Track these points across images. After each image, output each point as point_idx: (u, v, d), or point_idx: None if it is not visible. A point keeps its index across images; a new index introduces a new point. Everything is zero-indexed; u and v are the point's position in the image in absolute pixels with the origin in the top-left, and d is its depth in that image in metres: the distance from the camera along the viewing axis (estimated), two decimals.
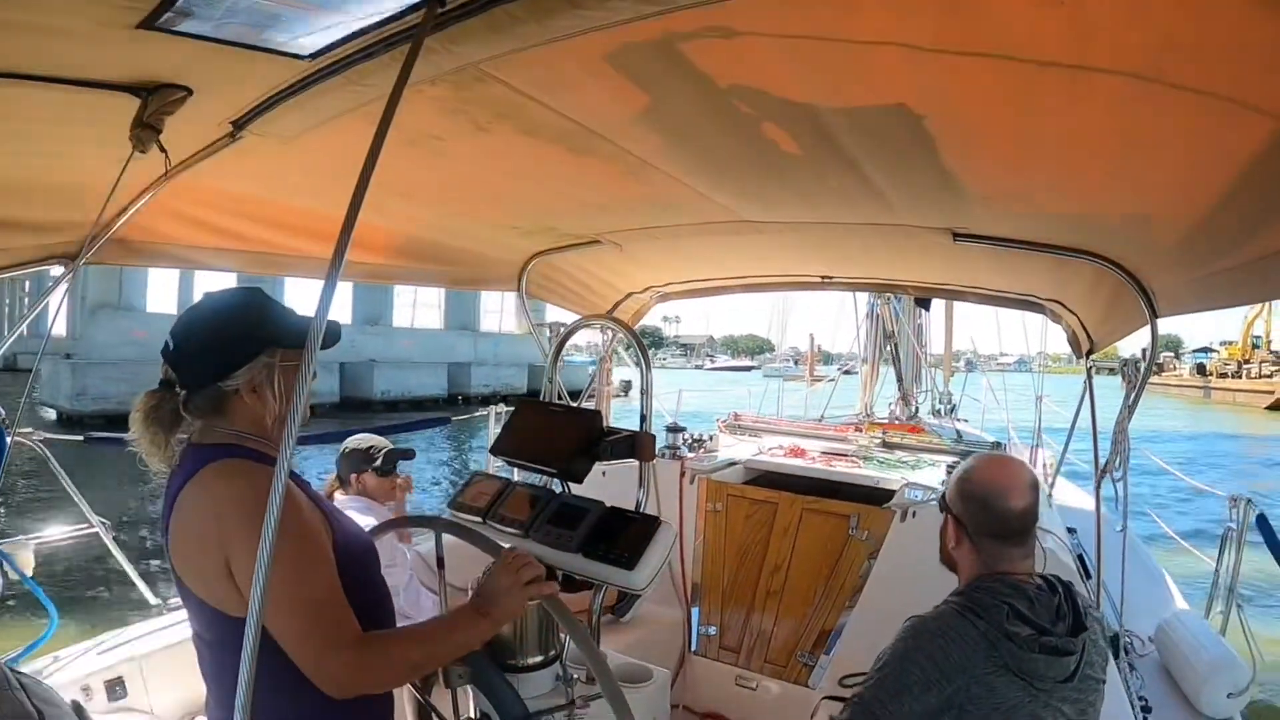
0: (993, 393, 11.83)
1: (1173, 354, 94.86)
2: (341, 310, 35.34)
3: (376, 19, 1.48)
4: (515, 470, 2.89)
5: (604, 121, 2.00)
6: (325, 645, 1.63)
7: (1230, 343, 74.58)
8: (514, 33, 1.43)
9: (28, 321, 3.10)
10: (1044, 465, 6.98)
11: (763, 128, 1.97)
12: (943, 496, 2.30)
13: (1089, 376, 4.04)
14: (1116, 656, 3.30)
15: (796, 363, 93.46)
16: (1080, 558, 4.13)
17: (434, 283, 4.57)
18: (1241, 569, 4.82)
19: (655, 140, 2.14)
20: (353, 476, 3.87)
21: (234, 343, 1.80)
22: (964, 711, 1.94)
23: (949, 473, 2.54)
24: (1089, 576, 3.72)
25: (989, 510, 2.13)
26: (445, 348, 41.67)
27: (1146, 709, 3.35)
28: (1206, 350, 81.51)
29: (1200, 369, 73.59)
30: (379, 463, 3.89)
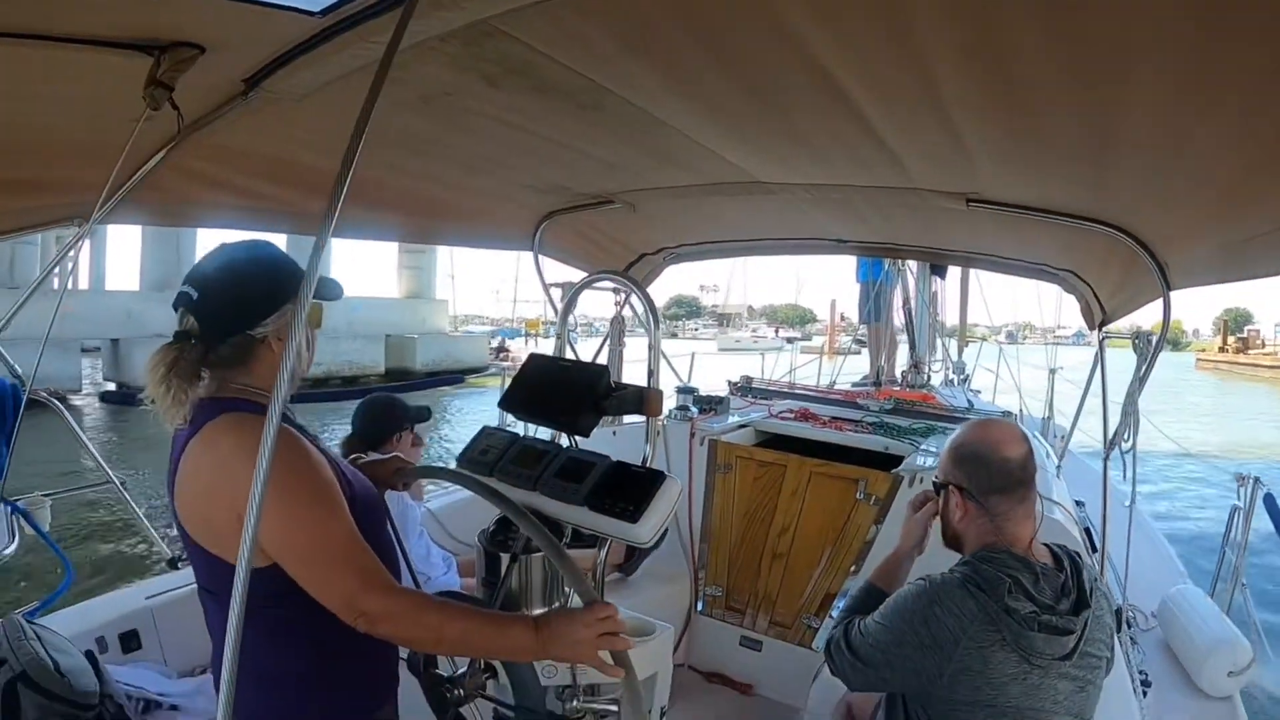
0: (1007, 363, 11.76)
1: (1256, 329, 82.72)
2: (127, 270, 30.70)
3: None
4: (523, 425, 2.92)
5: (614, 77, 2.00)
6: (360, 585, 1.64)
7: None
8: None
9: (40, 281, 3.12)
10: (1056, 438, 6.98)
11: (776, 85, 1.97)
12: (934, 481, 2.33)
13: (1100, 348, 4.04)
14: (1119, 630, 3.33)
15: (778, 332, 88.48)
16: (1088, 530, 4.15)
17: (449, 241, 4.58)
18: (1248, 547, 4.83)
19: (666, 97, 2.14)
20: (394, 437, 3.77)
21: (264, 290, 1.82)
22: (956, 679, 1.97)
23: None
24: (1095, 549, 3.73)
25: (989, 465, 2.15)
26: None
27: (1146, 684, 3.37)
28: None
29: None
30: (416, 419, 3.85)
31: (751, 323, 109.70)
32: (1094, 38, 1.45)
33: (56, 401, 3.83)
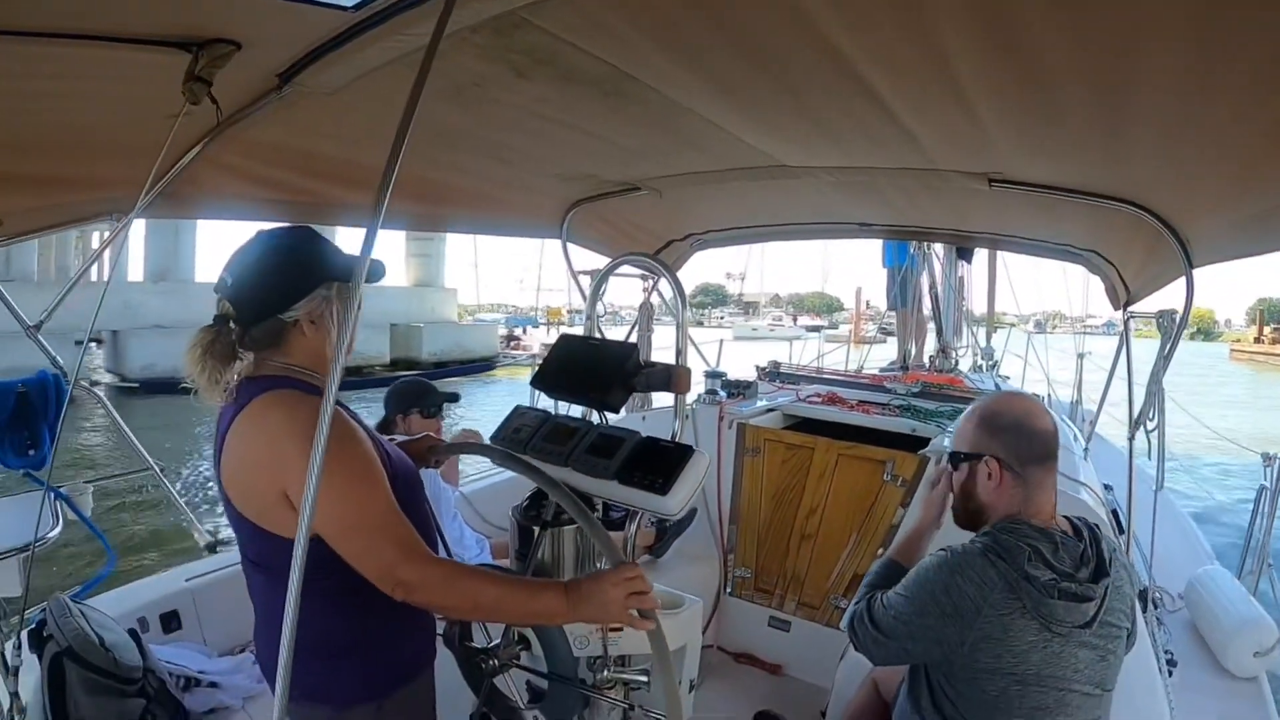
0: (1034, 350, 11.68)
1: None
2: (133, 264, 29.91)
3: None
4: (555, 403, 2.99)
5: (637, 65, 2.04)
6: (398, 556, 1.72)
7: None
8: None
9: (80, 274, 3.19)
10: (1084, 422, 6.98)
11: (794, 70, 2.00)
12: (953, 454, 2.33)
13: (1126, 328, 4.04)
14: (1145, 610, 3.33)
15: (796, 320, 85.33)
16: (1115, 513, 4.15)
17: (479, 229, 4.63)
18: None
19: (688, 83, 2.18)
20: (399, 417, 3.93)
21: (294, 275, 1.88)
22: (977, 648, 2.01)
23: None
24: (1122, 531, 3.75)
25: (1029, 435, 2.16)
26: None
27: (1172, 663, 3.37)
28: None
29: None
30: (428, 404, 3.98)
31: (772, 310, 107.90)
32: (1101, 11, 1.47)
33: (98, 393, 3.93)
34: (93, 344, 26.66)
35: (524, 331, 46.25)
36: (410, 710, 2.01)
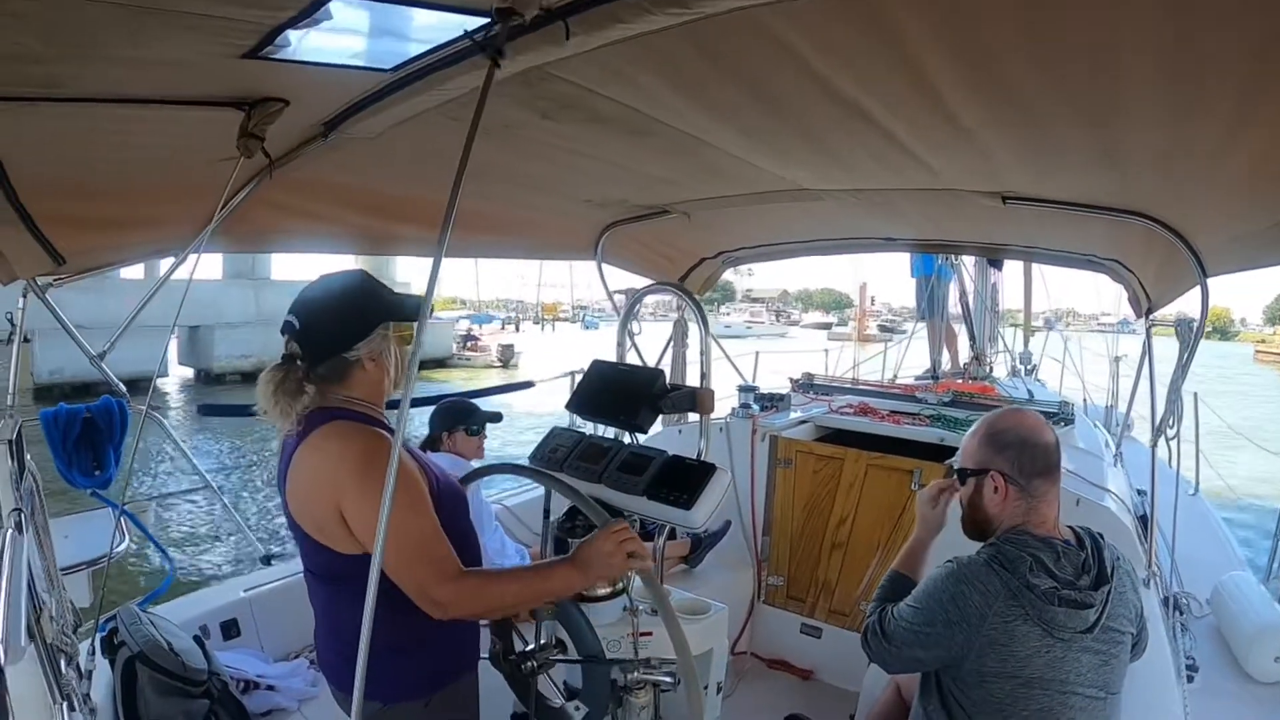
0: (1070, 354, 11.60)
1: None
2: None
3: (449, 36, 1.70)
4: (589, 425, 3.14)
5: (658, 107, 2.17)
6: (431, 576, 1.91)
7: None
8: (569, 43, 1.62)
9: (142, 306, 3.39)
10: (1118, 426, 6.98)
11: (799, 105, 2.11)
12: (960, 469, 2.40)
13: (1148, 335, 4.09)
14: (1169, 616, 3.36)
15: (779, 317, 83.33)
16: (1143, 518, 4.20)
17: (515, 254, 4.74)
18: None
19: (709, 123, 2.31)
20: (444, 434, 4.07)
21: (355, 318, 2.07)
22: (984, 653, 2.10)
23: None
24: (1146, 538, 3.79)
25: (1034, 449, 2.25)
26: (198, 305, 29.02)
27: (1193, 669, 3.40)
28: None
29: None
30: (472, 423, 4.14)
31: (750, 305, 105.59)
32: (1076, 35, 1.54)
33: (160, 417, 4.12)
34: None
35: (469, 330, 43.63)
36: (455, 707, 2.18)
